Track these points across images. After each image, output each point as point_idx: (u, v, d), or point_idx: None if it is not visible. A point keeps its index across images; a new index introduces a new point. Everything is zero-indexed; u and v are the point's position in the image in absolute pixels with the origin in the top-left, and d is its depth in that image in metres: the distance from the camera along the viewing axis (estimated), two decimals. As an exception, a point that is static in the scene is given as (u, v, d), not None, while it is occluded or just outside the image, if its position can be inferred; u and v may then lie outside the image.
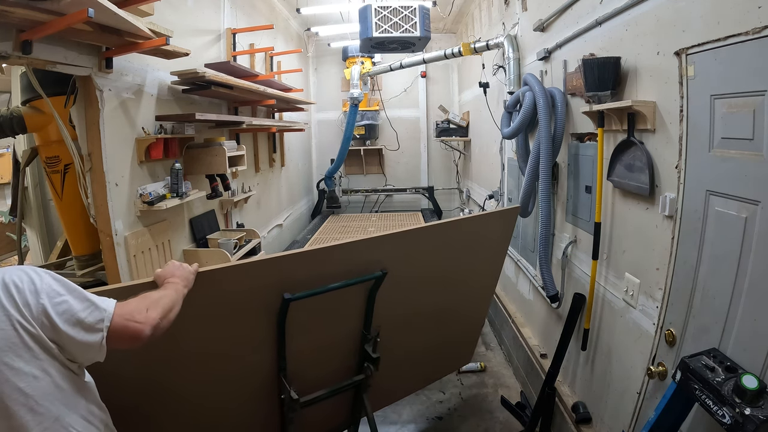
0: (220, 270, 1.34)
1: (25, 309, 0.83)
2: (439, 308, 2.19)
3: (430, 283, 2.04)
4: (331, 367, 1.89)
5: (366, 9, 3.52)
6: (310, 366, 1.77)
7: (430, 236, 1.90)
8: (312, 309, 1.62)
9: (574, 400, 2.18)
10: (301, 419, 1.74)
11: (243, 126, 3.13)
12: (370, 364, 1.87)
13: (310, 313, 1.62)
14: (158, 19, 1.95)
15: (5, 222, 3.90)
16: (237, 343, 1.54)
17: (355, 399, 2.08)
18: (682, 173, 1.40)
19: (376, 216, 5.79)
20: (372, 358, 1.85)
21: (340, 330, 1.83)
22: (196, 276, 1.24)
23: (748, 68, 1.14)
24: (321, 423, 2.03)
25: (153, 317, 0.92)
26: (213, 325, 1.43)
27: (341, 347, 1.88)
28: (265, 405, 1.74)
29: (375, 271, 1.72)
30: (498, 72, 3.47)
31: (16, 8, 1.30)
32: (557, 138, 2.26)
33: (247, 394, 1.67)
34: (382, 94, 6.17)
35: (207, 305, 1.37)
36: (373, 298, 1.79)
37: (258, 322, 1.54)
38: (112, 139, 1.99)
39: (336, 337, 1.84)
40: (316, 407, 1.80)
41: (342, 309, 1.77)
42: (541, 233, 2.37)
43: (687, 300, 1.38)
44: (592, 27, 1.94)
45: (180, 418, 1.55)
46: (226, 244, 2.67)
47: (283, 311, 1.52)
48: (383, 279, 1.74)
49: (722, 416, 1.05)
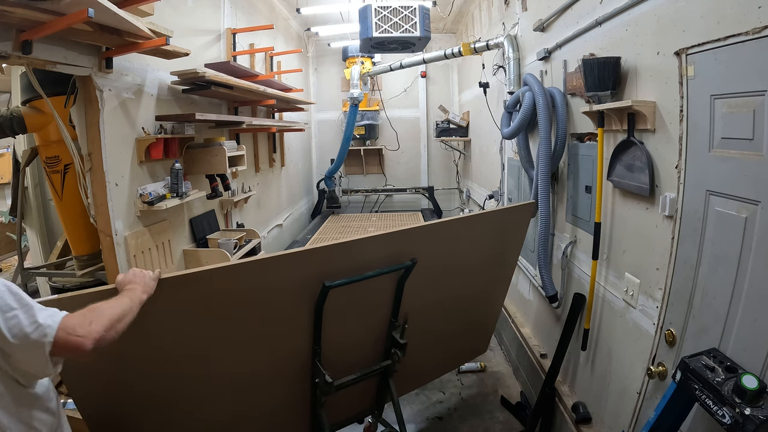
0: (261, 261, 1.45)
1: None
2: (460, 296, 2.29)
3: (452, 272, 2.13)
4: (361, 353, 1.98)
5: (366, 9, 3.52)
6: (342, 352, 1.85)
7: (457, 228, 2.01)
8: (345, 297, 1.70)
9: (574, 400, 2.18)
10: (332, 403, 1.87)
11: (243, 126, 3.13)
12: (398, 350, 1.95)
13: (343, 301, 1.71)
14: (158, 19, 1.95)
15: (5, 222, 3.91)
16: (276, 331, 1.63)
17: (380, 384, 2.17)
18: (682, 173, 1.40)
19: (376, 216, 5.79)
20: (400, 344, 1.93)
21: (370, 317, 1.91)
22: (247, 265, 1.42)
23: (748, 68, 1.14)
24: (348, 407, 2.15)
25: (95, 330, 0.94)
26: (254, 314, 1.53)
27: (371, 334, 1.96)
28: (299, 389, 1.84)
29: (405, 260, 1.80)
30: (498, 72, 3.47)
31: (16, 8, 1.30)
32: (558, 138, 2.26)
33: (285, 378, 1.78)
34: (382, 94, 6.17)
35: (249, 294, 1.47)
36: (402, 286, 1.87)
37: (298, 310, 1.63)
38: (112, 139, 1.99)
39: (366, 324, 1.92)
40: (345, 392, 1.90)
41: (373, 297, 1.86)
42: (541, 233, 2.37)
43: (687, 300, 1.38)
44: (592, 27, 1.94)
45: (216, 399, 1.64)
46: (226, 244, 2.67)
47: (322, 298, 1.60)
48: (413, 268, 1.82)
49: (722, 416, 1.05)
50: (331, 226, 5.11)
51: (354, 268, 1.67)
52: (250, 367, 1.63)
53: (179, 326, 1.38)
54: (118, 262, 2.02)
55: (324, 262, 1.59)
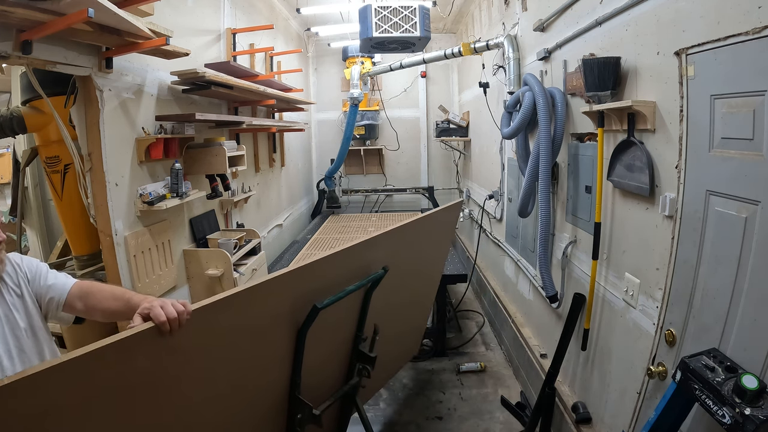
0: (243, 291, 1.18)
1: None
2: (408, 300, 2.30)
3: (407, 275, 2.11)
4: (332, 376, 1.85)
5: (366, 9, 3.52)
6: (313, 377, 1.65)
7: (416, 230, 1.99)
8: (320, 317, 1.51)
9: (574, 400, 2.18)
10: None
11: (243, 126, 3.13)
12: (367, 364, 1.85)
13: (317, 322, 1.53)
14: (158, 19, 1.95)
15: (5, 222, 3.91)
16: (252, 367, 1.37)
17: (342, 405, 2.00)
18: (682, 173, 1.40)
19: (376, 216, 5.78)
20: (370, 358, 1.84)
21: (337, 334, 1.79)
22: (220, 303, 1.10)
23: (748, 68, 1.14)
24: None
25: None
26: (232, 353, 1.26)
27: (337, 353, 1.84)
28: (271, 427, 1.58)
29: (376, 269, 1.74)
30: (498, 72, 3.47)
31: (16, 8, 1.30)
32: (557, 138, 2.26)
33: (258, 417, 1.49)
34: (382, 94, 6.16)
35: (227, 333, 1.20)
36: (369, 297, 1.79)
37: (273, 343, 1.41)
38: (112, 139, 1.99)
39: (333, 343, 1.79)
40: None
41: (339, 313, 1.70)
42: (541, 233, 2.37)
43: (687, 300, 1.38)
44: (592, 27, 1.95)
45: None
46: (226, 244, 2.67)
47: (309, 322, 1.44)
48: (383, 276, 1.76)
49: (722, 416, 1.05)
50: (331, 226, 5.11)
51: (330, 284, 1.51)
52: (221, 417, 1.32)
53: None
54: (118, 262, 2.02)
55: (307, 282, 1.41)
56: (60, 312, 1.24)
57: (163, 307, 1.00)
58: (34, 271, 1.24)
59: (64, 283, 1.25)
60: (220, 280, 2.56)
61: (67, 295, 1.23)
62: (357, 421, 2.00)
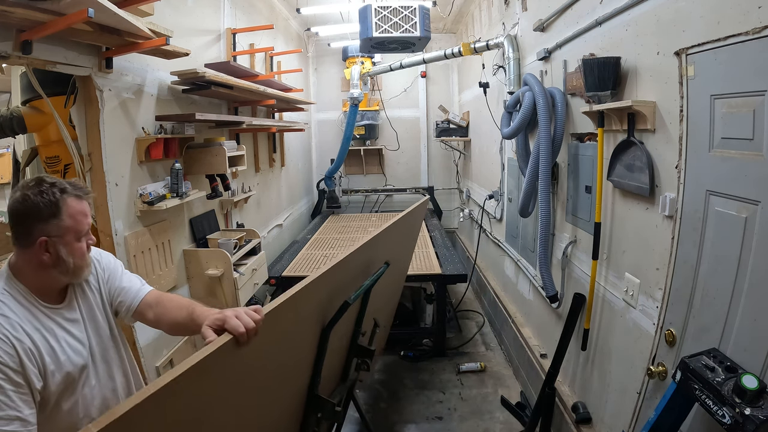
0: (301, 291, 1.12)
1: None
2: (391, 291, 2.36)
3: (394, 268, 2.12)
4: (336, 372, 1.88)
5: (366, 9, 3.52)
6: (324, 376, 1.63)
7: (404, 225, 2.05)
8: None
9: (574, 400, 2.18)
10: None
11: (243, 126, 3.13)
12: (366, 358, 1.87)
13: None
14: (158, 19, 1.95)
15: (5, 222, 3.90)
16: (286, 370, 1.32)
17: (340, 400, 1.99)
18: (682, 173, 1.40)
19: (376, 216, 5.78)
20: (369, 351, 1.85)
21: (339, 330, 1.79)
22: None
23: (748, 68, 1.14)
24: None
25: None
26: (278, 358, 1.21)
27: (340, 349, 1.86)
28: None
29: (379, 265, 1.77)
30: (498, 72, 3.47)
31: (16, 8, 1.30)
32: (557, 138, 2.26)
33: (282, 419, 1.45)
34: (382, 94, 6.16)
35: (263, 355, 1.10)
36: (370, 291, 1.80)
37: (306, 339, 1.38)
38: (112, 139, 1.99)
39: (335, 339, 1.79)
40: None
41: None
42: (541, 233, 2.37)
43: (687, 300, 1.38)
44: (592, 27, 1.95)
45: None
46: (226, 244, 2.67)
47: (337, 317, 1.43)
48: (386, 271, 1.80)
49: (722, 416, 1.05)
50: (331, 226, 5.11)
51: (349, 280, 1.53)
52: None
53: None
54: (118, 262, 2.02)
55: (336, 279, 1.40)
56: (129, 317, 1.22)
57: (238, 317, 0.93)
58: (111, 269, 1.22)
59: (139, 289, 1.23)
60: (220, 280, 2.56)
61: (141, 303, 1.21)
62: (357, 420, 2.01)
